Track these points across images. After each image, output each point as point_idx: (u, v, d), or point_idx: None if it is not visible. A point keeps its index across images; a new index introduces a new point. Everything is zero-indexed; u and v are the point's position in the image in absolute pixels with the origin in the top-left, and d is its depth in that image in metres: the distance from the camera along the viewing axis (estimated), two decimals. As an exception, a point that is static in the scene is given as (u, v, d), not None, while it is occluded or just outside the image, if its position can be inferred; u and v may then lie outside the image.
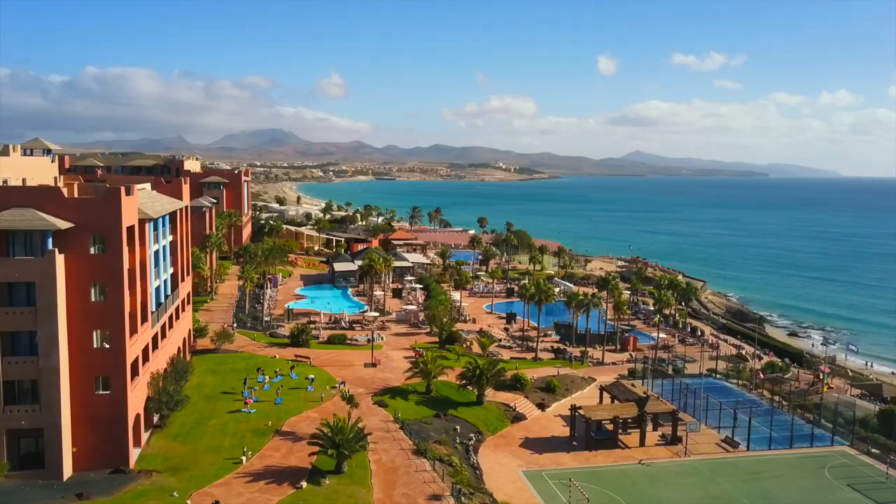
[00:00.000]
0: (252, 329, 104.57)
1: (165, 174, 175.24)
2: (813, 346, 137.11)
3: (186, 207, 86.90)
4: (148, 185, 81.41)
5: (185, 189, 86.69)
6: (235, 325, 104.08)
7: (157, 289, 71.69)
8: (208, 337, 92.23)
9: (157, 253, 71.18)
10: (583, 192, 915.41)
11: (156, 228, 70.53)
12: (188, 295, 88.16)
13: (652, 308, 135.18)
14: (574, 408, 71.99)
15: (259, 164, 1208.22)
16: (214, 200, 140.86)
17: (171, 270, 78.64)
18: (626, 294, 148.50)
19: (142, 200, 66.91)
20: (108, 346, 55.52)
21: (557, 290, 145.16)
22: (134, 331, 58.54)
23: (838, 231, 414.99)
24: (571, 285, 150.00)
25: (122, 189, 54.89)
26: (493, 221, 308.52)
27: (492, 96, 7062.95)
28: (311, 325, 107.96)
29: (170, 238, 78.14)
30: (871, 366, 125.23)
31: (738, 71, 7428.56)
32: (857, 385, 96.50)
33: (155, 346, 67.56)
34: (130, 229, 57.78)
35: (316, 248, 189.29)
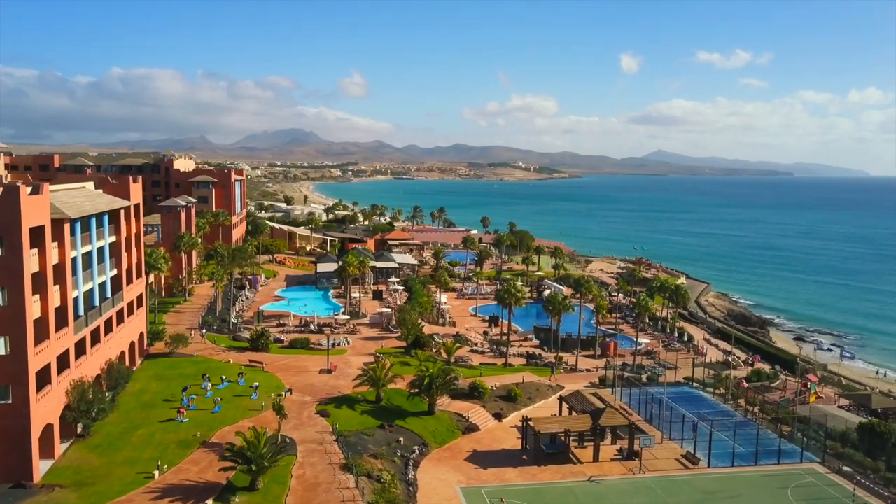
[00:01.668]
0: (217, 332, 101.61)
1: (155, 173, 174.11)
2: (816, 351, 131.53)
3: (137, 206, 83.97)
4: (90, 184, 78.47)
5: (135, 188, 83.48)
6: (204, 329, 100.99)
7: (91, 291, 68.98)
8: (164, 340, 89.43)
9: (89, 254, 68.43)
10: (601, 192, 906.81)
11: (87, 229, 67.71)
12: (139, 297, 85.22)
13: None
14: (525, 419, 67.92)
15: (279, 163, 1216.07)
16: (194, 200, 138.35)
17: (113, 272, 75.78)
18: (619, 296, 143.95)
19: (67, 199, 64.12)
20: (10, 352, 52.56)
21: (547, 292, 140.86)
22: (43, 337, 55.52)
23: (862, 232, 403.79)
24: (562, 287, 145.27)
25: (22, 187, 51.83)
26: (501, 221, 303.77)
27: (513, 95, 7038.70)
28: (279, 329, 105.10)
29: (111, 239, 75.22)
30: (885, 374, 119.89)
31: (764, 69, 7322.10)
32: (846, 395, 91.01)
33: (81, 352, 64.64)
34: (39, 230, 54.73)
35: (308, 248, 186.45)
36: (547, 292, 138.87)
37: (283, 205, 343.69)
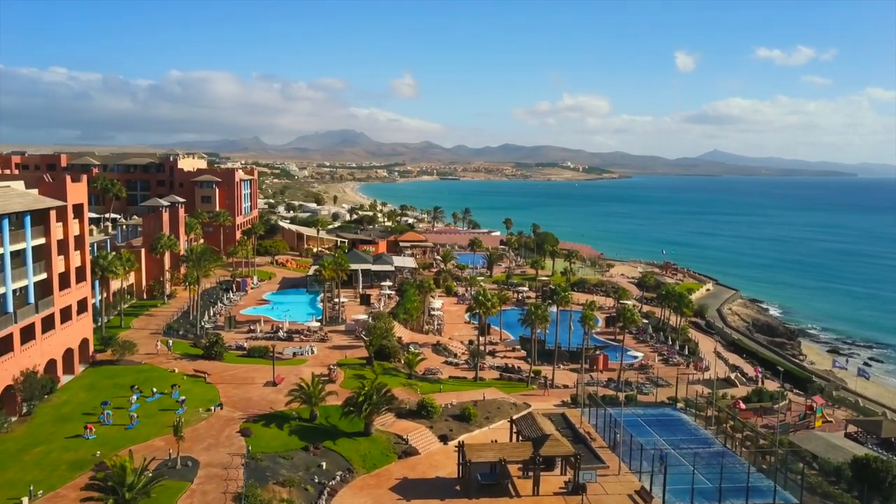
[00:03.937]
0: (182, 338, 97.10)
1: (160, 172, 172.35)
2: (834, 367, 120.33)
3: (78, 206, 79.92)
4: (19, 183, 74.56)
5: (76, 188, 79.22)
6: (171, 339, 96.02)
7: (3, 296, 64.88)
8: (111, 348, 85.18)
9: (0, 256, 64.32)
10: (647, 192, 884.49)
11: (-3, 230, 63.63)
12: (82, 301, 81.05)
13: (646, 321, 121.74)
14: (461, 444, 60.90)
15: (328, 164, 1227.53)
16: (181, 200, 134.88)
17: (40, 276, 71.70)
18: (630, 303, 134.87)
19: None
20: None
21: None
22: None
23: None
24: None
25: None
26: (533, 222, 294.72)
27: (565, 94, 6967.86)
28: (248, 335, 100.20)
29: (37, 241, 71.06)
30: None
31: (828, 65, 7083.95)
32: (854, 421, 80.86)
33: (-19, 362, 60.46)
34: None
35: (314, 249, 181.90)
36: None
37: (313, 205, 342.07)
